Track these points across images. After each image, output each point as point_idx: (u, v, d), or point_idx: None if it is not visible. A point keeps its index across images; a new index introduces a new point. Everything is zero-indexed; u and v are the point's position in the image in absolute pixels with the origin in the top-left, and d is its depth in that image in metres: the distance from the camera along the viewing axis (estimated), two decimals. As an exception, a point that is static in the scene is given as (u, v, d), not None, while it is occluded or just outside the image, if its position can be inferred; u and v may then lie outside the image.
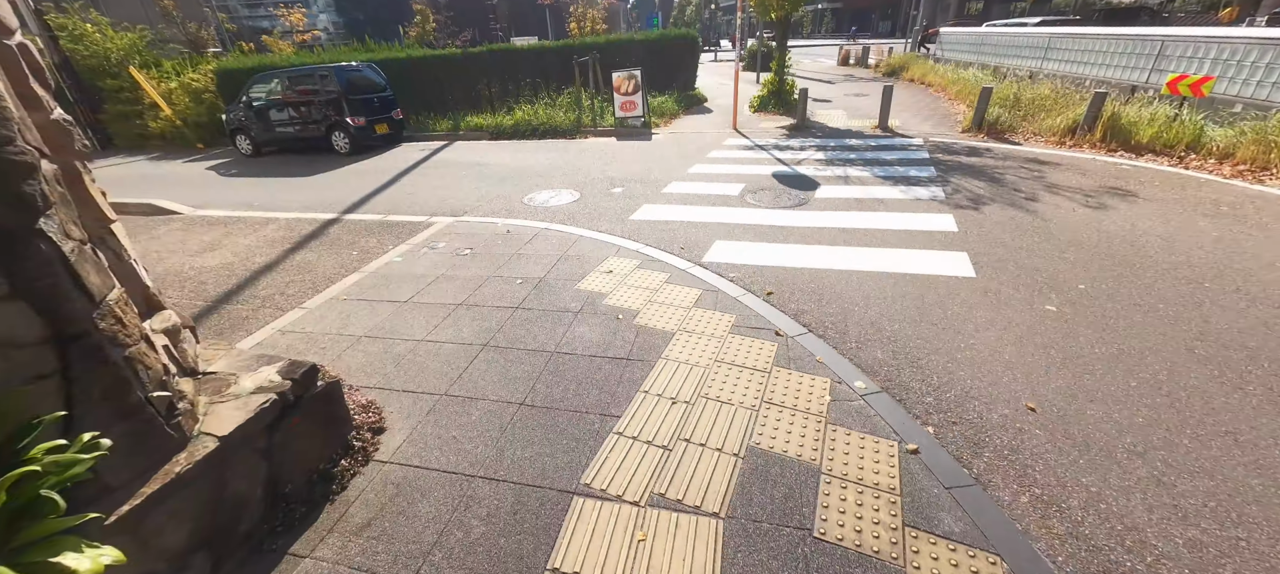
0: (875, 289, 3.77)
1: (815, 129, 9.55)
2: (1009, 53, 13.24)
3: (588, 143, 9.68)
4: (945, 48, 17.36)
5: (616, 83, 10.14)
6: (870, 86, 15.37)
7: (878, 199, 5.63)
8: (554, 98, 11.93)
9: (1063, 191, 5.57)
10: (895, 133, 8.96)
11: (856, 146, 8.11)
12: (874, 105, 11.78)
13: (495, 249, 4.80)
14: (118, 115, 13.04)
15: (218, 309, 4.07)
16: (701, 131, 9.95)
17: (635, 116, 10.27)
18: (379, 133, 10.43)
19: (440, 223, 5.63)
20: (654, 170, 7.34)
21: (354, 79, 10.06)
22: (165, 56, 14.72)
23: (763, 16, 11.12)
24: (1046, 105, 8.78)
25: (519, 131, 10.58)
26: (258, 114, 10.28)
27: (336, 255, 4.97)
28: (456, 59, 12.63)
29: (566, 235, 5.01)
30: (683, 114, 11.75)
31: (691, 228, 5.11)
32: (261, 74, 10.39)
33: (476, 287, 4.05)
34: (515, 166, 8.21)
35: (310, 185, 8.00)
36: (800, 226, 4.97)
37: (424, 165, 8.78)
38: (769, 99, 11.58)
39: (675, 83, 13.09)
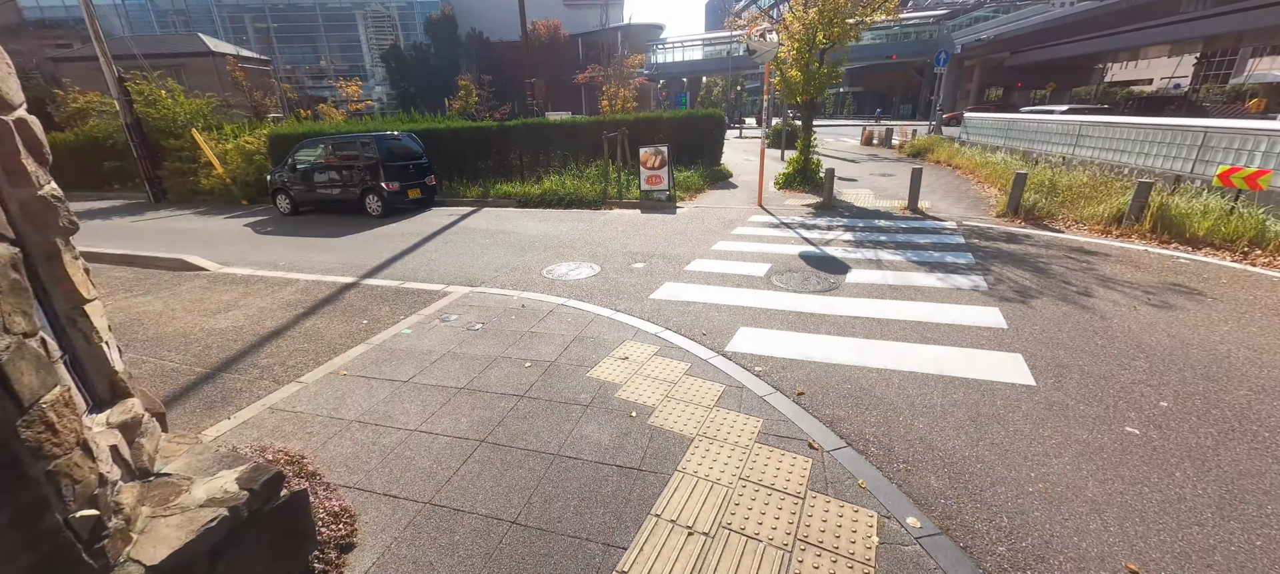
0: (920, 394, 3.35)
1: (842, 208, 9.41)
2: (1039, 138, 13.15)
3: (612, 214, 9.73)
4: (970, 131, 17.46)
5: (643, 157, 10.33)
6: (895, 166, 15.40)
7: (914, 287, 5.28)
8: (582, 169, 12.23)
9: (1119, 286, 5.13)
10: (926, 215, 8.72)
11: (886, 228, 7.88)
12: (900, 186, 11.69)
13: (508, 325, 4.59)
14: (175, 171, 13.92)
15: (215, 377, 3.90)
16: (726, 207, 9.92)
17: (660, 190, 10.36)
18: (411, 197, 10.75)
19: (456, 293, 5.51)
20: (677, 246, 7.20)
21: (392, 147, 10.53)
22: (228, 121, 15.93)
23: (789, 99, 11.39)
24: (1085, 192, 8.47)
25: (546, 200, 10.76)
26: (300, 176, 10.78)
27: (346, 323, 4.84)
28: (492, 131, 13.22)
29: (583, 313, 4.79)
30: (708, 189, 11.84)
31: (714, 311, 4.83)
32: (309, 139, 11.01)
33: (483, 368, 3.80)
34: (539, 236, 8.21)
35: (338, 247, 8.13)
36: (832, 315, 4.64)
37: (450, 231, 8.89)
38: (794, 177, 11.61)
39: (702, 158, 13.34)
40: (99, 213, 12.87)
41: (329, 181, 10.57)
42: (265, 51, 60.51)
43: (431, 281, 6.02)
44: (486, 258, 7.02)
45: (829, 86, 10.78)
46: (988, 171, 12.17)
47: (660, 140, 11.63)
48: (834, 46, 10.43)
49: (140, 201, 14.45)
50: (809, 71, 10.53)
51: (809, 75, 10.54)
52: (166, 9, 59.97)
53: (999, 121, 15.57)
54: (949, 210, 9.03)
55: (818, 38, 10.20)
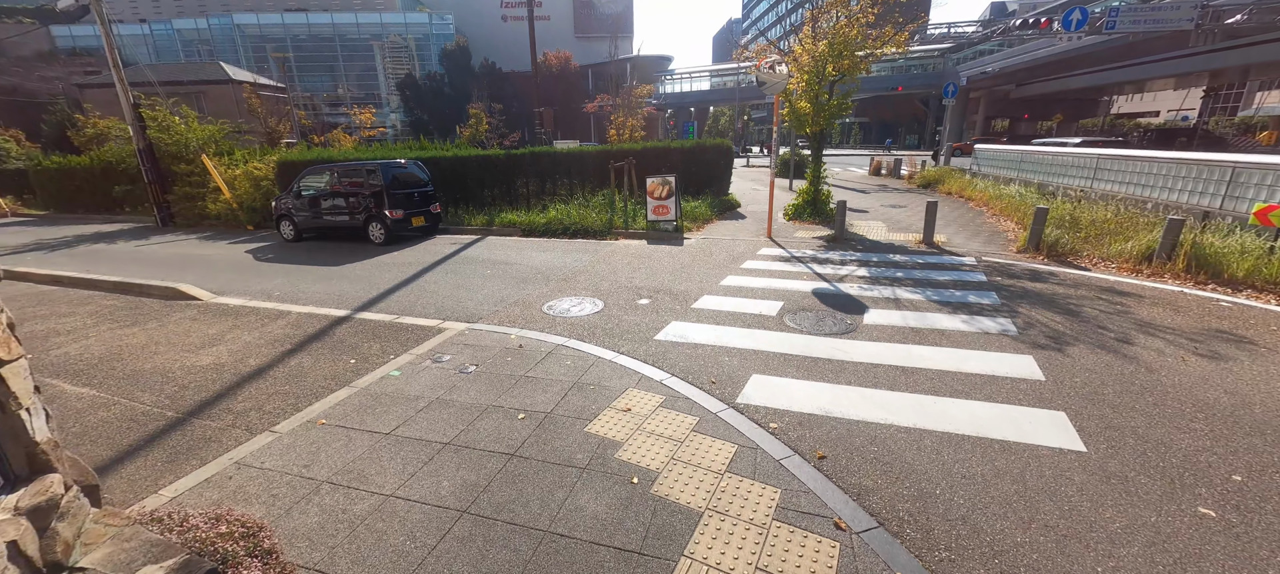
0: (958, 460, 3.00)
1: (855, 241, 9.13)
2: (1054, 171, 12.89)
3: (618, 245, 9.51)
4: (982, 162, 17.26)
5: (650, 187, 10.17)
6: (906, 198, 15.17)
7: (938, 330, 4.94)
8: (588, 198, 12.10)
9: (1160, 333, 4.76)
10: (943, 249, 8.41)
11: (902, 263, 7.57)
12: (913, 218, 11.42)
13: (503, 368, 4.29)
14: (183, 196, 13.98)
15: (185, 423, 3.62)
16: (735, 239, 9.67)
17: (667, 221, 10.15)
18: (415, 225, 10.63)
19: (451, 330, 5.24)
20: (684, 280, 6.92)
21: (398, 175, 10.46)
22: (240, 147, 16.09)
23: (798, 131, 11.27)
24: (1110, 228, 8.14)
25: (551, 230, 10.59)
26: (304, 202, 10.71)
27: (333, 362, 4.56)
28: (498, 159, 13.19)
29: (583, 356, 4.49)
30: (716, 219, 11.63)
31: (724, 355, 4.51)
32: (315, 166, 10.99)
33: (472, 419, 3.49)
34: (542, 267, 7.98)
35: (336, 276, 7.94)
36: (851, 362, 4.30)
37: (451, 260, 8.70)
38: (804, 208, 11.38)
39: (709, 188, 13.20)
40: (105, 236, 12.88)
41: (333, 209, 10.49)
42: (285, 79, 62.41)
43: (427, 316, 5.77)
44: (486, 290, 6.77)
45: (839, 118, 10.65)
46: (1003, 204, 11.88)
47: (667, 170, 11.51)
48: (843, 78, 10.33)
49: (148, 225, 14.50)
50: (818, 103, 10.41)
51: (818, 107, 10.42)
52: (192, 39, 62.11)
53: (1011, 154, 15.36)
54: (966, 245, 8.72)
55: (827, 70, 10.11)
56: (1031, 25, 20.99)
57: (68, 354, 4.99)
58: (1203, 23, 20.15)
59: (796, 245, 8.96)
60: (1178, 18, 20.31)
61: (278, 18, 62.38)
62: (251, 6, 64.42)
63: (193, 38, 61.92)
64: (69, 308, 6.55)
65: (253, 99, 22.90)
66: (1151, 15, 20.77)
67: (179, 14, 64.35)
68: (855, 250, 8.45)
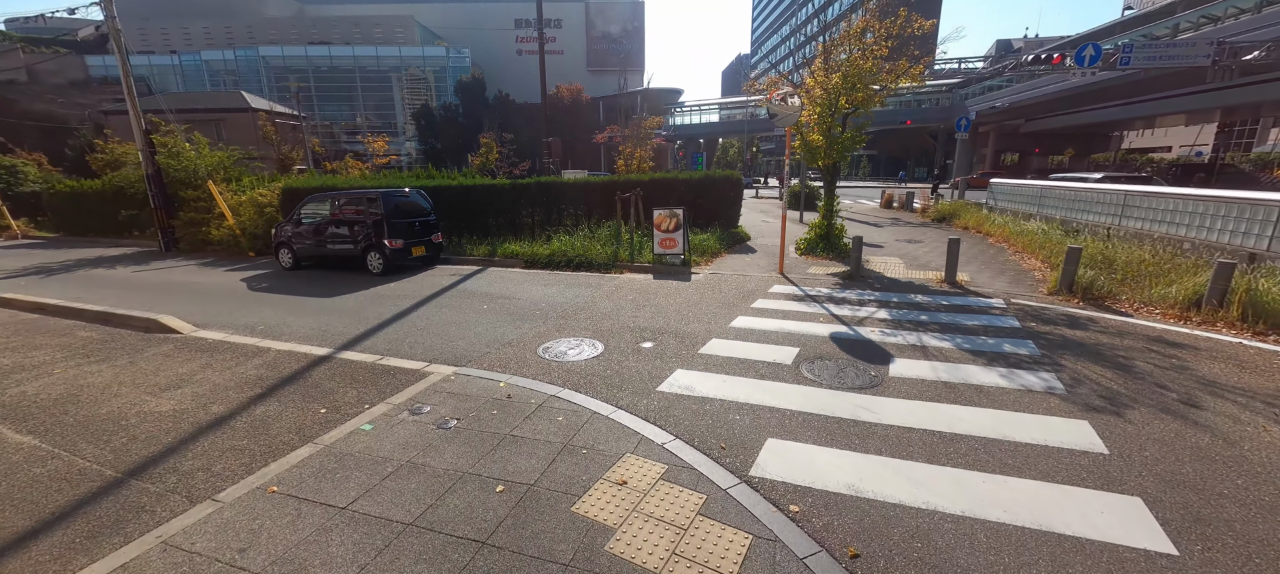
0: (1022, 565, 2.46)
1: (872, 279, 8.66)
2: (1077, 207, 12.40)
3: (623, 279, 9.12)
4: (999, 197, 16.83)
5: (657, 220, 9.83)
6: (921, 232, 14.73)
7: (975, 386, 4.42)
8: (594, 230, 11.80)
9: (1229, 394, 4.21)
10: (967, 289, 7.91)
11: (925, 304, 7.07)
12: (931, 254, 10.95)
13: (487, 424, 3.84)
14: (188, 221, 13.92)
15: (123, 485, 3.19)
16: (745, 274, 9.25)
17: (675, 254, 9.77)
18: (416, 255, 10.34)
19: (436, 375, 4.81)
20: (691, 320, 6.48)
21: (400, 204, 10.24)
22: (250, 173, 16.15)
23: (810, 163, 10.96)
24: (1148, 270, 7.61)
25: (554, 262, 10.24)
26: (303, 230, 10.50)
27: (302, 412, 4.14)
28: (504, 188, 13.01)
29: (578, 410, 4.02)
30: (725, 253, 11.24)
31: (735, 412, 4.02)
32: (317, 193, 10.83)
33: (444, 491, 3.02)
34: (542, 303, 7.59)
35: (327, 309, 7.59)
36: (880, 424, 3.79)
37: (449, 293, 8.34)
38: (817, 242, 10.97)
39: (718, 220, 12.85)
40: (106, 261, 12.76)
41: (331, 237, 10.26)
42: (304, 108, 64.17)
43: (413, 358, 5.35)
44: (481, 328, 6.37)
45: (852, 151, 10.34)
46: (1025, 241, 11.38)
47: (675, 202, 11.20)
48: (857, 111, 10.06)
49: (152, 250, 14.42)
50: (831, 136, 10.12)
51: (831, 139, 10.12)
52: (219, 69, 64.40)
53: (1030, 188, 14.92)
54: (991, 285, 8.21)
55: (840, 102, 9.84)
56: (1044, 61, 20.86)
57: (25, 394, 4.62)
58: (1219, 59, 19.87)
59: (810, 282, 8.51)
60: (1194, 54, 20.06)
61: (301, 50, 64.67)
62: (276, 39, 66.88)
63: (219, 68, 64.20)
64: (44, 339, 6.23)
65: (267, 126, 23.29)
66: (1167, 52, 20.55)
67: (208, 45, 66.84)
68: (873, 289, 7.97)
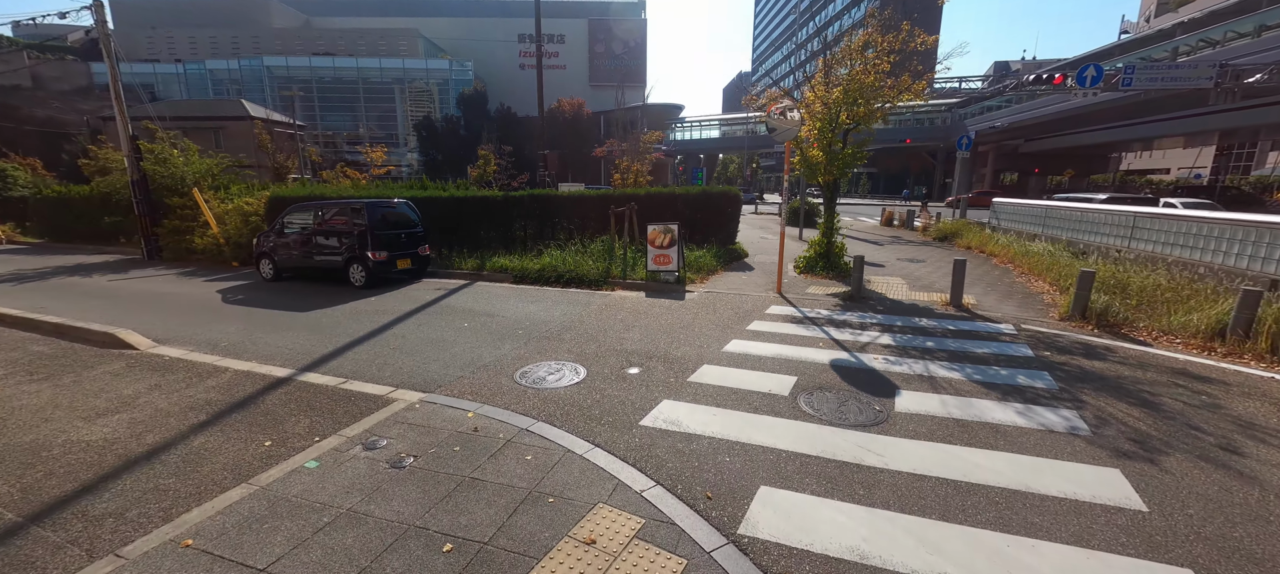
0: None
1: (874, 301, 8.28)
2: (1084, 228, 12.08)
3: (614, 297, 8.74)
4: (1002, 217, 16.54)
5: (651, 235, 9.49)
6: (923, 251, 14.39)
7: (990, 425, 4.02)
8: (587, 245, 11.45)
9: (1275, 439, 3.81)
10: (974, 313, 7.53)
11: (931, 329, 6.68)
12: (934, 274, 10.59)
13: (447, 462, 3.43)
14: (173, 230, 13.57)
15: (18, 535, 2.77)
16: (741, 293, 8.87)
17: (669, 271, 9.41)
18: (401, 268, 9.97)
19: (401, 402, 4.41)
20: (682, 343, 6.08)
21: (386, 215, 9.91)
22: (241, 181, 15.85)
23: (810, 179, 10.65)
24: (1166, 296, 7.24)
25: (544, 277, 9.87)
26: (285, 241, 10.15)
27: (244, 444, 3.73)
28: (495, 200, 12.69)
29: (550, 448, 3.61)
30: (721, 271, 10.87)
31: (725, 452, 3.62)
32: (300, 202, 10.50)
33: (382, 551, 2.60)
34: (526, 320, 7.20)
35: (299, 324, 7.20)
36: (888, 470, 3.38)
37: (430, 309, 7.95)
38: (816, 261, 10.61)
39: (716, 236, 12.53)
40: (85, 269, 12.39)
41: (314, 248, 9.90)
42: (309, 118, 64.48)
43: (380, 381, 4.95)
44: (458, 348, 5.97)
45: (853, 168, 10.04)
46: (1031, 263, 11.04)
47: (671, 217, 10.89)
48: (858, 127, 9.77)
49: (135, 258, 14.07)
50: (832, 151, 9.82)
51: (832, 155, 9.82)
52: (223, 78, 64.74)
53: (1035, 209, 14.62)
54: (999, 308, 7.83)
55: (841, 117, 9.56)
56: (1045, 81, 20.76)
57: (-52, 417, 4.21)
58: (1222, 82, 19.75)
59: (809, 303, 8.13)
60: (1196, 77, 19.95)
61: (305, 61, 65.09)
62: (282, 50, 67.40)
63: (223, 77, 64.49)
64: (-9, 354, 5.83)
65: (263, 135, 23.09)
66: (1169, 73, 20.45)
67: (214, 54, 67.32)
68: (876, 312, 7.59)
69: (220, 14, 72.90)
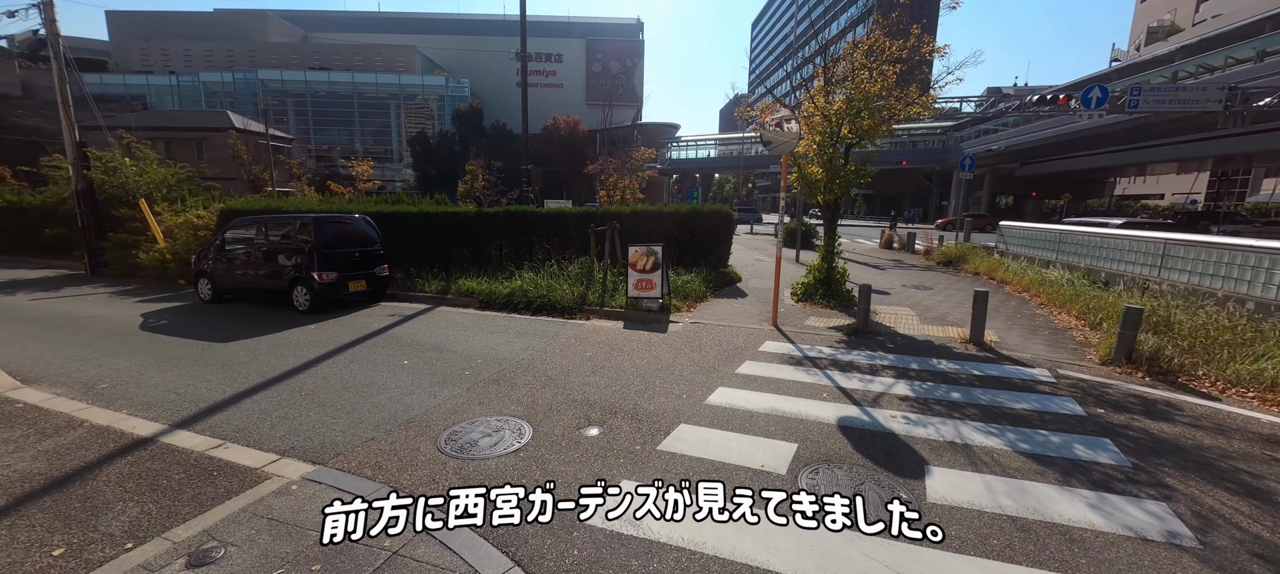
0: None
1: (882, 336, 7.28)
2: (1105, 255, 11.18)
3: (587, 327, 7.71)
4: (1010, 241, 15.66)
5: (633, 258, 8.50)
6: (929, 277, 13.45)
7: (1057, 526, 2.98)
8: (564, 266, 10.44)
9: None
10: (1000, 353, 6.53)
11: (953, 374, 5.66)
12: (946, 304, 9.62)
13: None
14: (119, 243, 12.50)
15: None
16: (732, 324, 7.85)
17: (652, 298, 8.40)
18: (353, 291, 8.91)
19: (274, 480, 3.33)
20: (658, 393, 5.03)
21: (340, 231, 8.90)
22: (204, 193, 14.83)
23: (808, 198, 9.74)
24: (1225, 337, 6.26)
25: (513, 302, 8.83)
26: (226, 258, 9.11)
27: (25, 554, 2.64)
28: (468, 217, 11.71)
29: (447, 570, 2.54)
30: (711, 297, 9.86)
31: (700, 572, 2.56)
32: (244, 216, 9.50)
33: None
34: (480, 356, 6.15)
35: (209, 358, 6.12)
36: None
37: (373, 341, 6.89)
38: (815, 288, 9.63)
39: (706, 259, 11.55)
40: (14, 285, 11.26)
41: (256, 266, 8.85)
42: (301, 132, 63.92)
43: (266, 446, 3.87)
44: (383, 396, 4.90)
45: (856, 186, 9.13)
46: (1050, 292, 10.10)
47: (659, 238, 9.91)
48: (861, 141, 8.89)
49: (78, 273, 12.97)
50: (833, 168, 8.92)
51: (833, 172, 8.92)
52: (217, 91, 64.22)
53: (1047, 233, 13.74)
54: (1026, 347, 6.84)
55: (843, 131, 8.68)
56: (1049, 101, 20.19)
57: None
58: (1232, 104, 19.19)
59: (809, 338, 7.11)
60: (1205, 99, 19.40)
61: (300, 75, 64.84)
62: (278, 64, 67.16)
63: (217, 90, 63.99)
64: None
65: (238, 145, 22.17)
66: (1177, 95, 19.90)
67: (209, 67, 66.92)
68: (886, 351, 6.58)
69: (216, 28, 72.93)
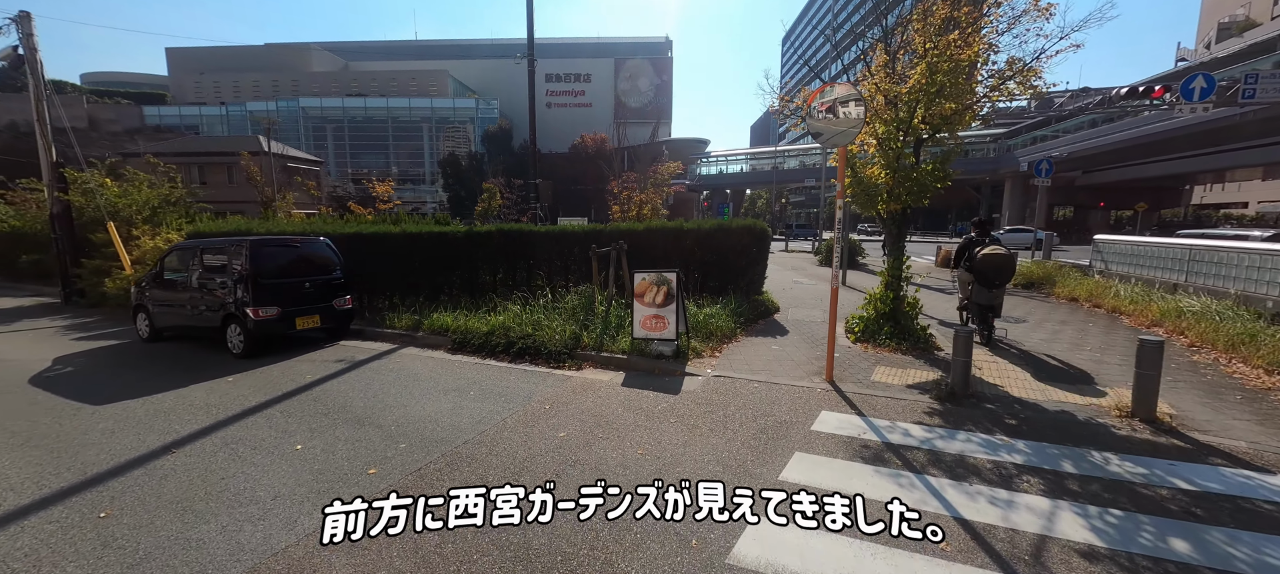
0: None
1: (991, 402, 5.05)
2: (1261, 278, 8.51)
3: (574, 382, 5.82)
4: (1110, 259, 12.91)
5: (639, 287, 6.60)
6: (1016, 305, 10.91)
7: None
8: (562, 296, 8.64)
9: None
10: (1190, 437, 4.22)
11: (1145, 490, 3.44)
12: (1057, 344, 7.19)
13: None
14: (94, 270, 11.56)
15: None
16: (770, 380, 5.79)
17: (663, 340, 6.45)
18: (302, 328, 7.34)
19: None
20: (654, 533, 3.06)
21: (286, 256, 7.41)
22: (204, 215, 13.95)
23: (866, 210, 7.62)
24: None
25: (491, 344, 7.05)
26: (164, 289, 7.75)
27: None
28: (457, 239, 10.10)
29: None
30: (741, 336, 7.77)
31: None
32: (182, 242, 8.16)
33: None
34: (408, 435, 4.35)
35: (60, 430, 4.54)
36: None
37: (285, 404, 5.22)
38: (879, 325, 7.41)
39: (736, 285, 9.51)
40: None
41: (189, 299, 7.44)
42: (339, 157, 66.00)
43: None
44: (215, 525, 3.12)
45: (932, 192, 6.96)
46: (1201, 329, 7.54)
47: (677, 259, 8.02)
48: (943, 132, 6.75)
49: (51, 302, 12.11)
50: (901, 169, 6.82)
51: (901, 174, 6.82)
52: (261, 120, 67.07)
53: (1170, 249, 10.98)
54: (1225, 425, 4.49)
55: (915, 119, 6.58)
56: (1142, 93, 17.25)
57: None
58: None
59: (885, 407, 4.97)
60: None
61: (339, 102, 67.17)
62: (319, 92, 69.86)
63: (262, 118, 66.82)
64: None
65: (251, 167, 21.76)
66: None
67: (255, 97, 70.16)
68: (1009, 432, 4.37)
69: (265, 60, 76.67)
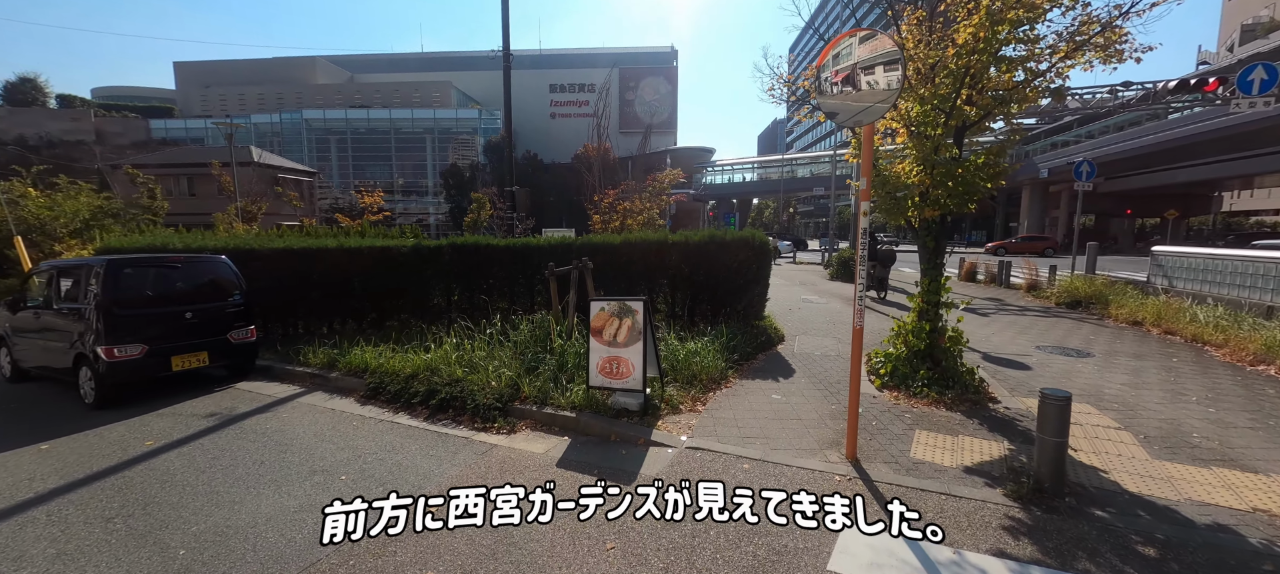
0: None
1: (1111, 515, 3.36)
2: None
3: (496, 457, 4.23)
4: (1175, 276, 11.07)
5: (595, 321, 5.01)
6: (1061, 329, 9.16)
7: None
8: (515, 325, 7.07)
9: None
10: None
11: None
12: (1153, 395, 5.15)
13: None
14: (6, 290, 10.25)
15: None
16: (768, 459, 4.14)
17: (628, 391, 4.84)
18: (180, 369, 5.82)
19: None
20: None
21: (166, 279, 5.93)
22: (138, 226, 12.67)
23: (893, 217, 6.00)
24: None
25: (409, 392, 5.47)
26: (24, 321, 6.31)
27: None
28: (402, 254, 8.59)
29: None
30: (734, 379, 6.08)
31: None
32: (44, 264, 6.73)
33: None
34: (215, 564, 2.78)
35: None
36: None
37: (98, 485, 3.69)
38: (913, 364, 5.71)
39: (732, 307, 7.87)
40: None
41: (41, 334, 5.98)
42: (342, 169, 65.78)
43: None
44: None
45: (982, 192, 5.33)
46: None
47: (661, 275, 6.44)
48: (1001, 112, 5.14)
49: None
50: (939, 164, 5.19)
51: (940, 171, 5.19)
52: (266, 131, 67.08)
53: (1257, 263, 9.14)
54: None
55: (959, 100, 4.97)
56: (1194, 86, 15.41)
57: None
58: None
59: (937, 512, 3.29)
60: None
61: (341, 113, 67.01)
62: (323, 104, 69.82)
63: (266, 130, 66.81)
64: None
65: (223, 176, 20.62)
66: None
67: (260, 109, 70.23)
68: (1135, 568, 2.70)
69: (271, 73, 76.97)
